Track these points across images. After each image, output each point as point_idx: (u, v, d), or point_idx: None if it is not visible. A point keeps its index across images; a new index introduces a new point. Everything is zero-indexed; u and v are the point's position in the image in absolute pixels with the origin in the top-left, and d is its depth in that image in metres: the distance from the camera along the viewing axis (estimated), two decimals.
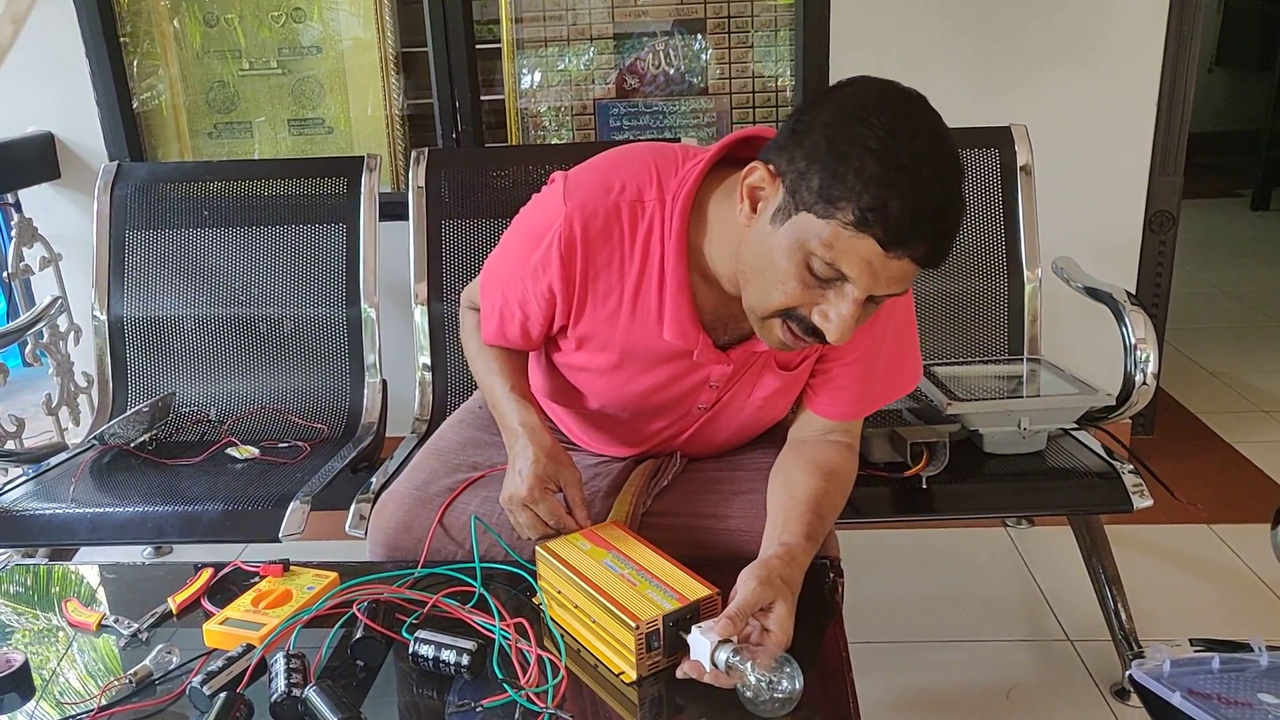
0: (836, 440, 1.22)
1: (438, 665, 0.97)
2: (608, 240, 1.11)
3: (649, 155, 1.13)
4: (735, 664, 0.90)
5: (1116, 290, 1.72)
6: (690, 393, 1.23)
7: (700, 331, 1.13)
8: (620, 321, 1.15)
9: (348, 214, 2.03)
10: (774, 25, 2.50)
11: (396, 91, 2.56)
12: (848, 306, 0.95)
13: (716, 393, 1.23)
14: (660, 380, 1.21)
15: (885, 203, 0.89)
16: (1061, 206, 2.05)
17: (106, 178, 2.09)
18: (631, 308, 1.14)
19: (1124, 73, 2.31)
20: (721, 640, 0.91)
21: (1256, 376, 3.13)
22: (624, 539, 1.13)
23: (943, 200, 0.92)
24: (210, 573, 1.17)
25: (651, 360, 1.18)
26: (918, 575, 2.12)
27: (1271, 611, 1.93)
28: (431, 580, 1.14)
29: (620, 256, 1.11)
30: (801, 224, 0.94)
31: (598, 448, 1.37)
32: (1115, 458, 1.59)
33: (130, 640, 1.07)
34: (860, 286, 0.94)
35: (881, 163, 0.89)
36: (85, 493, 1.68)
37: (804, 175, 0.94)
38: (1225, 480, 2.47)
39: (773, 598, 0.96)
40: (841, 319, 0.96)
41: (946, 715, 1.71)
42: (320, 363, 2.01)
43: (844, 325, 0.96)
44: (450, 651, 0.97)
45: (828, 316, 0.97)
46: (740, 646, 0.91)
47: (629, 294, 1.13)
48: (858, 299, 0.95)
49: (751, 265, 1.01)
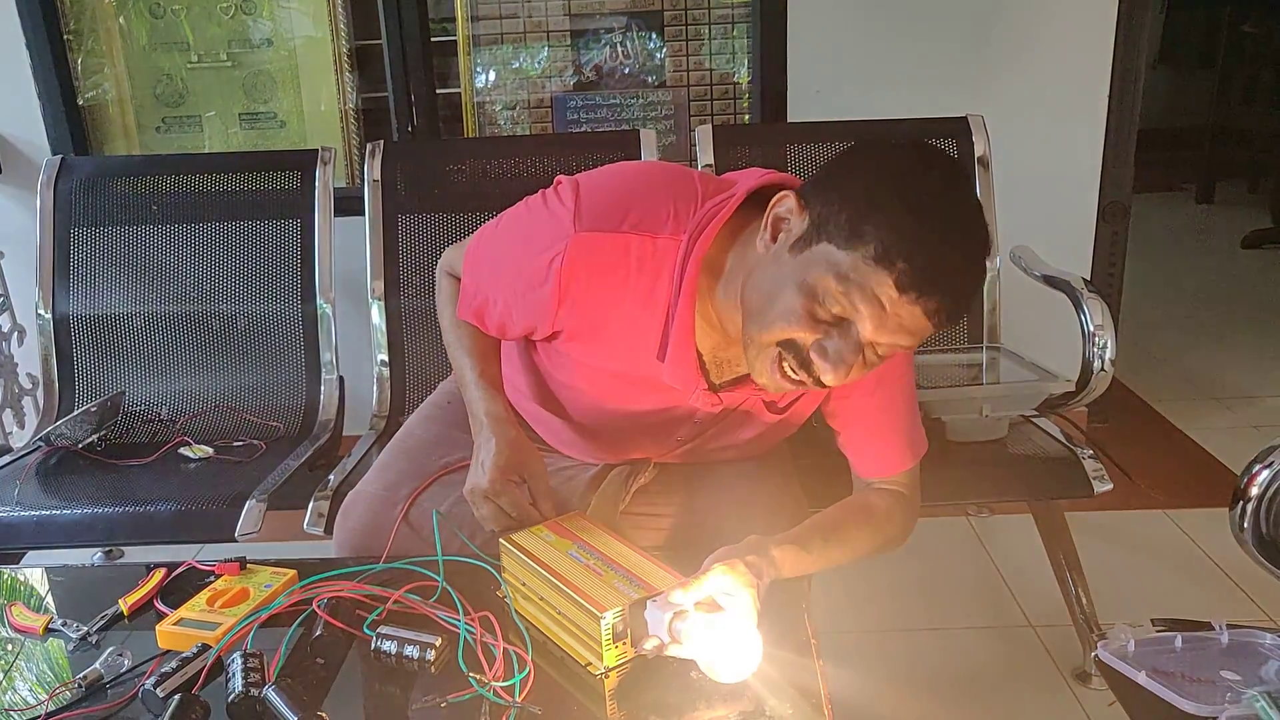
0: (884, 488, 1.20)
1: (401, 661, 0.95)
2: (612, 273, 1.06)
3: (666, 185, 1.09)
4: (690, 632, 0.90)
5: (1074, 278, 1.74)
6: (672, 424, 1.21)
7: (700, 376, 1.11)
8: (613, 352, 1.13)
9: (302, 208, 1.99)
10: (731, 19, 2.50)
11: (350, 85, 2.52)
12: (850, 347, 0.94)
13: (699, 428, 1.22)
14: (644, 409, 1.18)
15: (911, 248, 0.88)
16: (1017, 197, 2.07)
17: (49, 172, 2.02)
18: (627, 342, 1.11)
19: (1076, 67, 2.34)
20: (677, 612, 0.91)
21: (1205, 364, 3.20)
22: (589, 530, 1.11)
23: (966, 266, 0.93)
24: (163, 573, 1.14)
25: (638, 389, 1.16)
26: (881, 565, 2.10)
27: (1226, 593, 1.97)
28: (393, 575, 1.11)
29: (623, 293, 1.07)
30: (821, 254, 0.93)
31: (572, 454, 1.34)
32: (1075, 444, 1.61)
33: (79, 644, 1.03)
34: (868, 326, 0.92)
35: (915, 218, 0.90)
36: (31, 495, 1.63)
37: (834, 210, 0.93)
38: (1178, 466, 2.52)
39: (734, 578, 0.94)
40: (840, 359, 0.94)
41: (913, 702, 1.71)
42: (276, 360, 1.97)
43: (841, 365, 0.94)
44: (414, 647, 0.95)
45: (826, 354, 0.95)
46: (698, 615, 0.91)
47: (625, 329, 1.10)
48: (861, 339, 0.94)
49: (761, 292, 0.99)
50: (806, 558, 1.05)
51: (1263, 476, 1.08)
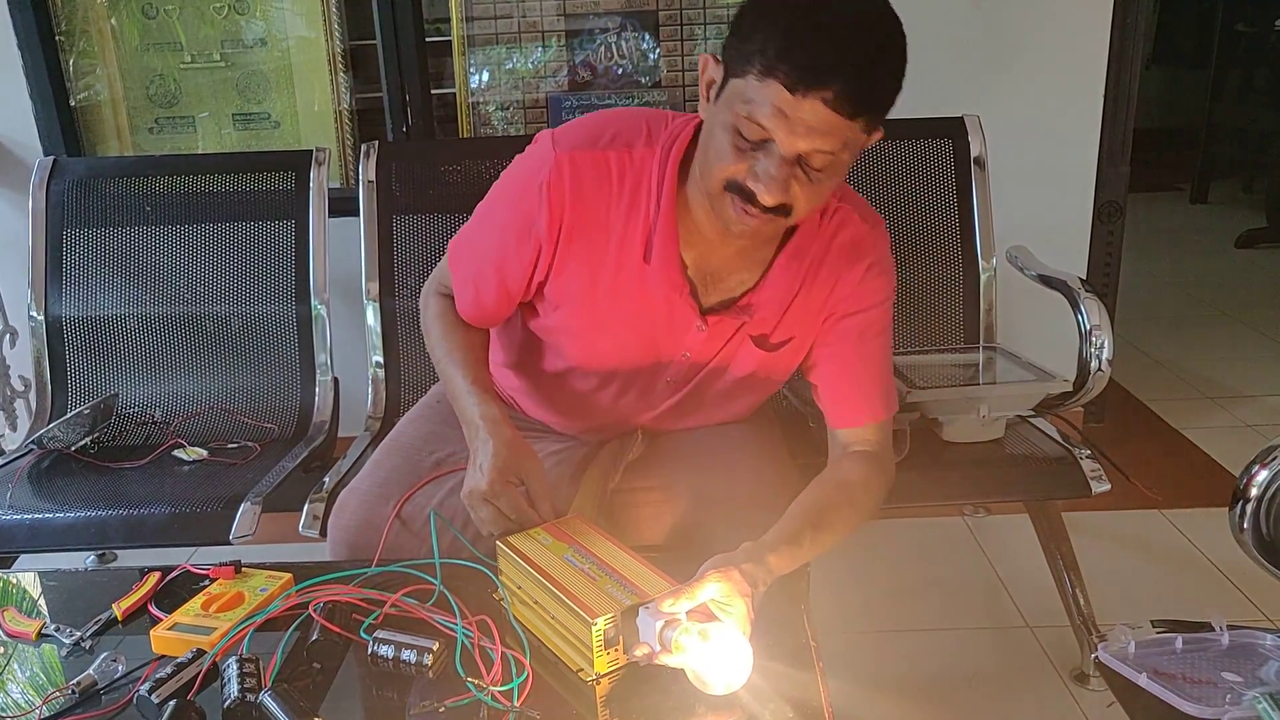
0: (858, 450, 1.21)
1: (398, 665, 0.94)
2: (597, 189, 1.12)
3: (638, 111, 1.17)
4: (681, 639, 0.89)
5: (1071, 278, 1.73)
6: (663, 364, 1.22)
7: (684, 278, 1.14)
8: (603, 274, 1.16)
9: (296, 209, 1.98)
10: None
11: (344, 85, 2.51)
12: (774, 165, 0.98)
13: (688, 369, 1.22)
14: (635, 341, 1.20)
15: (788, 48, 0.92)
16: (1013, 197, 2.07)
17: (42, 174, 2.01)
18: (616, 259, 1.15)
19: (1071, 65, 2.34)
20: (668, 621, 0.91)
21: (1201, 364, 3.20)
22: (586, 533, 1.10)
23: (856, 46, 0.94)
24: (157, 577, 1.13)
25: (629, 321, 1.19)
26: (876, 565, 2.13)
27: (1223, 592, 1.97)
28: (389, 579, 1.11)
29: (607, 206, 1.13)
30: (730, 90, 0.99)
31: (556, 424, 1.35)
32: (1072, 444, 1.60)
33: (73, 649, 1.02)
34: (782, 137, 0.96)
35: (789, 20, 0.93)
36: (23, 498, 1.61)
37: (732, 46, 0.98)
38: (1174, 465, 2.52)
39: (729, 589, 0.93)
40: (769, 176, 0.99)
41: (911, 703, 1.71)
42: (270, 361, 1.96)
43: (771, 183, 0.99)
44: (411, 651, 0.94)
45: (758, 177, 1.00)
46: (689, 625, 0.90)
47: (615, 244, 1.14)
48: (783, 157, 0.98)
49: (702, 148, 1.06)
50: (800, 553, 1.06)
51: (1261, 477, 1.07)
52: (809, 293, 1.19)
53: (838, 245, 1.18)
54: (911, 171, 1.97)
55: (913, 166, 1.97)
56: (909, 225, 1.96)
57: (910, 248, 1.96)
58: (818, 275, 1.19)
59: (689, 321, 1.18)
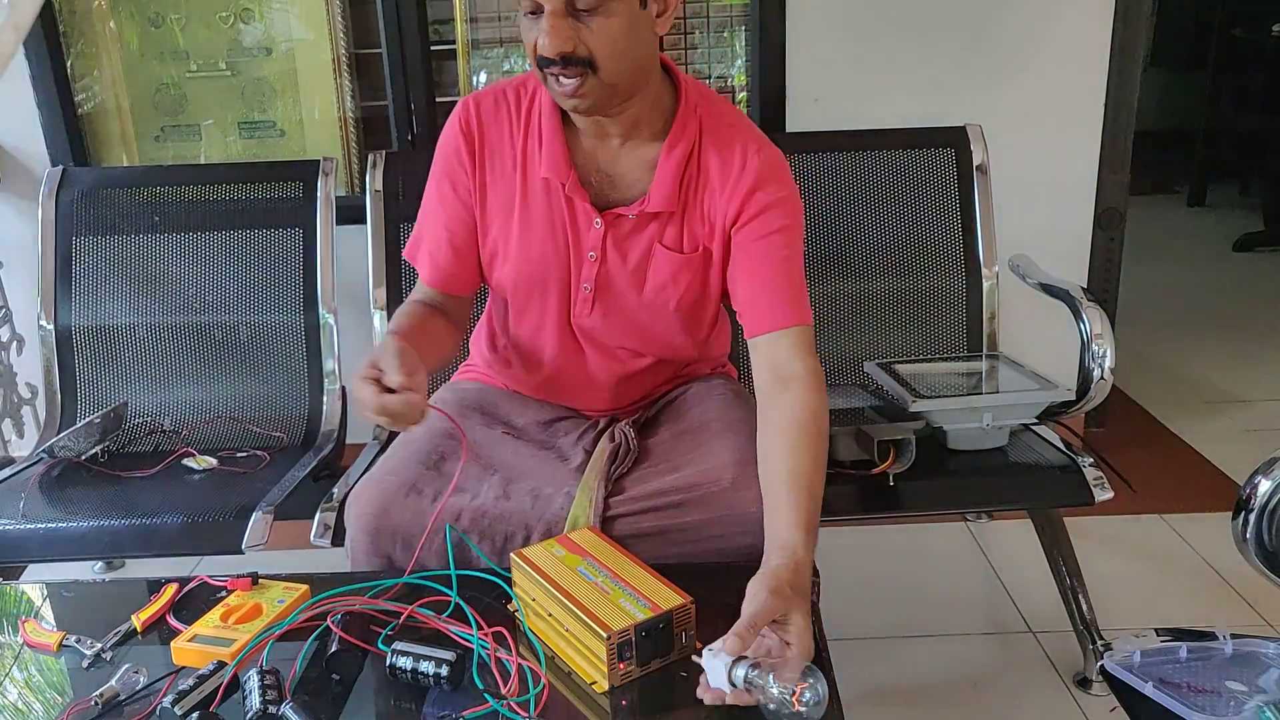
0: (792, 375, 1.22)
1: (416, 677, 0.96)
2: (495, 114, 1.30)
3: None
4: (754, 679, 0.89)
5: (1073, 287, 1.75)
6: (574, 265, 1.32)
7: (571, 168, 1.26)
8: (515, 191, 1.30)
9: (303, 218, 1.99)
10: (728, 25, 2.51)
11: (349, 93, 2.52)
12: (546, 21, 1.13)
13: (599, 265, 1.31)
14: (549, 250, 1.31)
15: None
16: (1013, 205, 2.09)
17: (51, 184, 2.02)
18: (523, 174, 1.29)
19: (1071, 74, 2.36)
20: (736, 659, 0.90)
21: (1200, 370, 3.22)
22: (599, 545, 1.12)
23: None
24: (175, 588, 1.14)
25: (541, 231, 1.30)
26: (880, 571, 2.14)
27: (1225, 599, 1.98)
28: (405, 590, 1.12)
29: (508, 128, 1.29)
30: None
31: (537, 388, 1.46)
32: (1075, 451, 1.62)
33: (94, 660, 1.04)
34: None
35: None
36: (36, 508, 1.62)
37: None
38: (1175, 471, 2.53)
39: (785, 609, 0.95)
40: (545, 30, 1.13)
41: (915, 709, 1.73)
42: (278, 370, 1.97)
43: (547, 35, 1.13)
44: (429, 663, 0.95)
45: (540, 36, 1.14)
46: (758, 660, 0.90)
47: (519, 161, 1.29)
48: (550, 9, 1.12)
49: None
50: (814, 524, 1.11)
51: (1264, 487, 1.09)
52: (706, 199, 1.28)
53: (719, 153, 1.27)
54: (914, 181, 1.99)
55: (915, 176, 1.99)
56: (911, 234, 1.98)
57: (913, 256, 1.98)
58: (706, 179, 1.28)
59: (589, 219, 1.29)
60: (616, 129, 1.26)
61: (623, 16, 1.13)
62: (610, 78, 1.16)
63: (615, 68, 1.15)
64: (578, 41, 1.13)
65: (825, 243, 1.98)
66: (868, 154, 2.00)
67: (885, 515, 1.63)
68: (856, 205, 1.99)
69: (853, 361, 1.93)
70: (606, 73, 1.15)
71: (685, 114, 1.27)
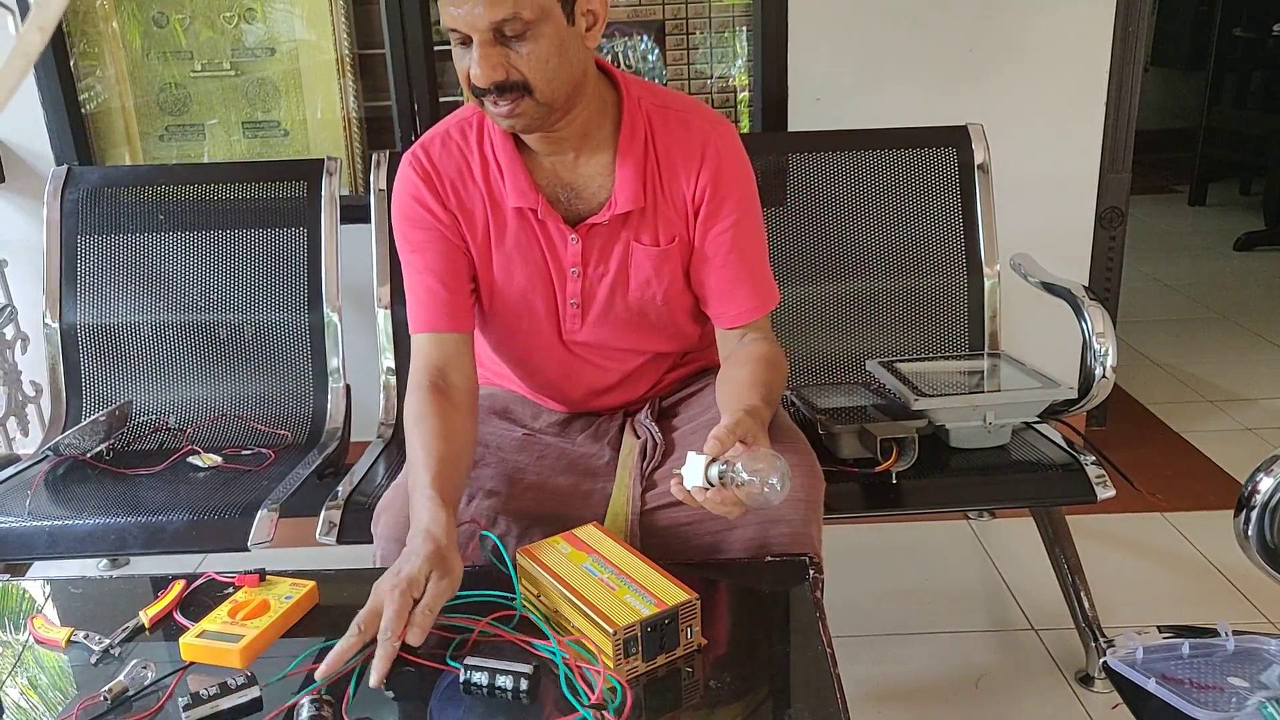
0: (757, 339, 1.32)
1: (493, 692, 0.92)
2: (449, 154, 1.29)
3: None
4: (725, 472, 1.02)
5: (1075, 286, 1.76)
6: (558, 284, 1.33)
7: (537, 193, 1.27)
8: (490, 225, 1.29)
9: (308, 217, 2.00)
10: (731, 25, 2.52)
11: (353, 93, 2.53)
12: (476, 50, 1.13)
13: (582, 280, 1.32)
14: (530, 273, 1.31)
15: None
16: (1014, 204, 2.09)
17: (56, 182, 2.03)
18: (490, 205, 1.29)
19: (1073, 73, 2.37)
20: (711, 459, 1.03)
21: (1200, 368, 3.22)
22: (604, 541, 1.13)
23: None
24: (182, 585, 1.15)
25: (520, 257, 1.31)
26: (882, 569, 2.15)
27: (1226, 596, 1.99)
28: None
29: (467, 165, 1.29)
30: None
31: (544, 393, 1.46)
32: (1077, 450, 1.63)
33: (102, 656, 1.04)
34: (465, 28, 1.11)
35: None
36: (42, 505, 1.63)
37: None
38: (1176, 469, 2.54)
39: (755, 431, 1.07)
40: (476, 61, 1.13)
41: (918, 706, 1.74)
42: (282, 368, 1.98)
43: (478, 65, 1.13)
44: (506, 676, 0.92)
45: (472, 65, 1.14)
46: (729, 459, 1.03)
47: (484, 194, 1.29)
48: (479, 39, 1.12)
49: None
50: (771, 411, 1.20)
51: (1266, 485, 1.09)
52: (669, 187, 1.29)
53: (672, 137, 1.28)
54: (915, 180, 1.99)
55: (916, 175, 1.99)
56: (913, 233, 1.99)
57: (914, 256, 1.99)
58: (666, 169, 1.29)
59: (564, 237, 1.29)
60: (569, 142, 1.26)
61: (550, 38, 1.13)
62: (546, 97, 1.17)
63: (550, 88, 1.16)
64: (509, 68, 1.13)
65: (827, 242, 1.99)
66: (869, 153, 2.00)
67: (888, 513, 1.63)
68: (858, 205, 1.99)
69: (854, 360, 1.94)
70: (541, 94, 1.16)
71: (631, 110, 1.28)
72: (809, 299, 1.97)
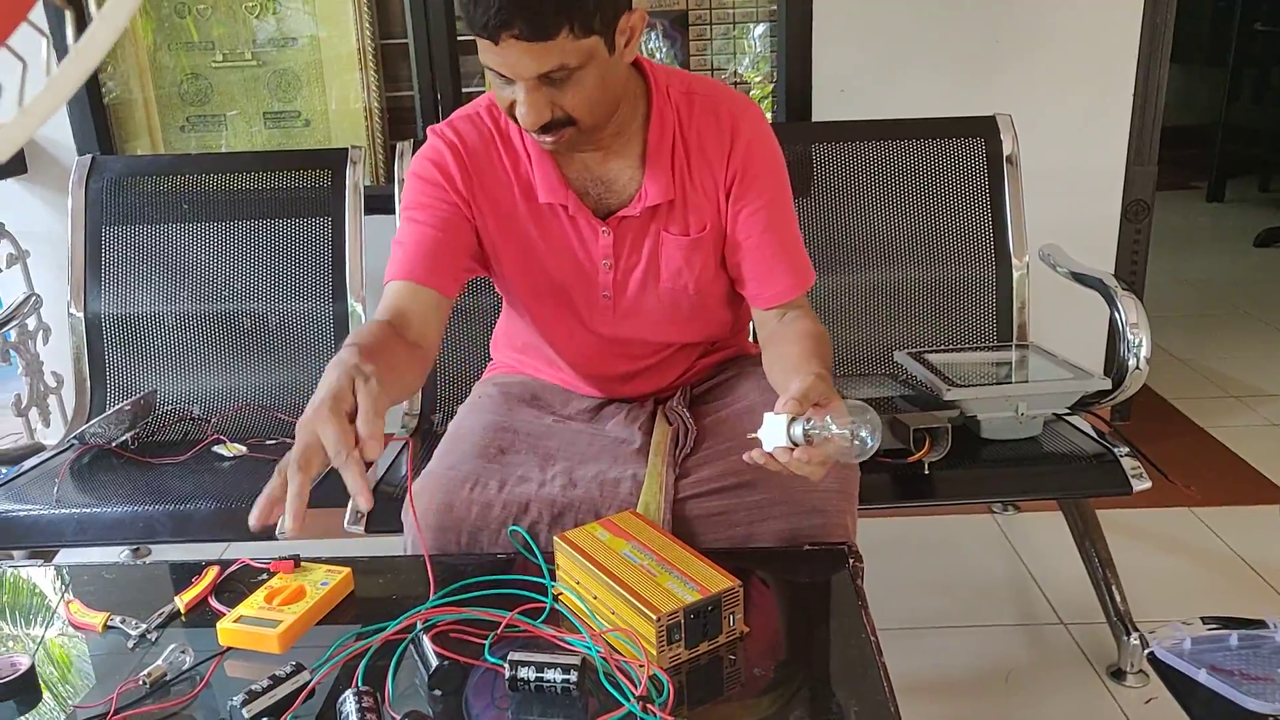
0: (798, 316, 1.31)
1: (540, 687, 0.90)
2: (478, 141, 1.27)
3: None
4: (812, 429, 0.98)
5: (1107, 276, 1.74)
6: (591, 279, 1.32)
7: (568, 189, 1.26)
8: (514, 214, 1.28)
9: (331, 207, 1.99)
10: (754, 18, 2.50)
11: (374, 83, 2.52)
12: (523, 94, 1.11)
13: (614, 272, 1.31)
14: (559, 265, 1.30)
15: (470, 8, 1.05)
16: (1040, 196, 2.08)
17: (80, 172, 2.03)
18: (519, 196, 1.27)
19: (1100, 64, 2.35)
20: (792, 418, 0.99)
21: (1222, 363, 3.20)
22: (643, 528, 1.12)
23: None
24: (216, 571, 1.14)
25: (548, 249, 1.30)
26: (906, 563, 2.14)
27: (1258, 591, 1.96)
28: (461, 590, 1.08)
29: (495, 152, 1.27)
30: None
31: (571, 381, 1.46)
32: (1110, 441, 1.61)
33: (139, 641, 1.04)
34: (511, 71, 1.09)
35: None
36: (69, 493, 1.63)
37: None
38: (1202, 464, 2.52)
39: (827, 394, 1.02)
40: (522, 105, 1.11)
41: (948, 700, 1.72)
42: (307, 359, 1.97)
43: (526, 110, 1.11)
44: (554, 670, 0.90)
45: (516, 106, 1.12)
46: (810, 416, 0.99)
47: (510, 184, 1.27)
48: (524, 85, 1.10)
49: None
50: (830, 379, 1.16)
51: None
52: (699, 175, 1.28)
53: (700, 125, 1.27)
54: (943, 171, 1.98)
55: (944, 166, 1.98)
56: (941, 224, 1.97)
57: (942, 246, 1.97)
58: (696, 157, 1.27)
59: (595, 230, 1.28)
60: (602, 141, 1.25)
61: (594, 76, 1.11)
62: (589, 126, 1.16)
63: (593, 119, 1.16)
64: (555, 108, 1.12)
65: (852, 233, 1.98)
66: (896, 144, 1.99)
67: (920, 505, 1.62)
68: (885, 196, 1.98)
69: (882, 351, 1.92)
70: (585, 124, 1.16)
71: (660, 102, 1.26)
72: (835, 290, 1.96)
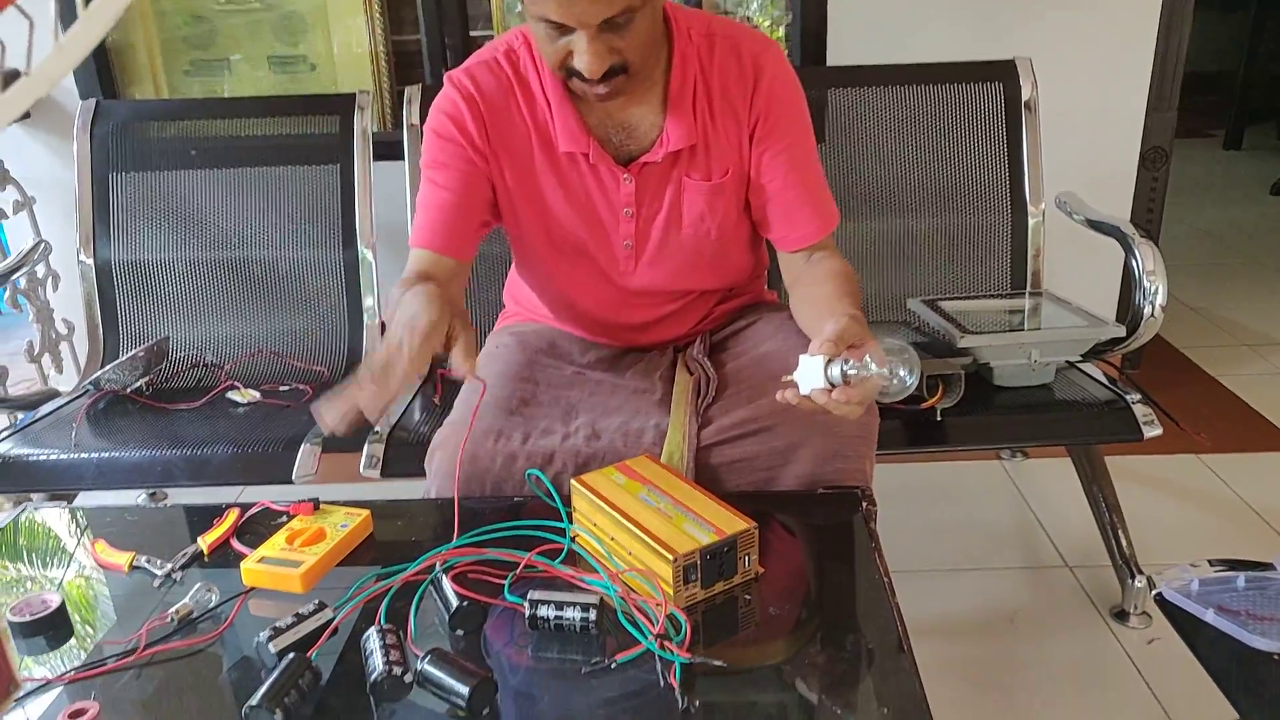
0: (825, 257, 1.31)
1: (560, 625, 0.91)
2: (496, 90, 1.26)
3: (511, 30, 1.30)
4: (850, 370, 0.98)
5: (1124, 223, 1.73)
6: (612, 227, 1.31)
7: (589, 136, 1.25)
8: (532, 162, 1.27)
9: (340, 153, 1.98)
10: None
11: (380, 28, 2.49)
12: (584, 43, 1.10)
13: (635, 220, 1.30)
14: (579, 213, 1.30)
15: None
16: (1057, 141, 2.05)
17: (85, 117, 2.01)
18: (538, 141, 1.26)
19: (1124, 7, 2.30)
20: (828, 359, 0.99)
21: (1235, 312, 3.19)
22: (659, 473, 1.13)
23: None
24: (238, 513, 1.16)
25: (567, 197, 1.29)
26: (915, 508, 2.15)
27: (1264, 536, 1.99)
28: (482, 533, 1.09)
29: (514, 102, 1.26)
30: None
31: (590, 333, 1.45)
32: (1121, 388, 1.61)
33: (165, 580, 1.05)
34: (574, 24, 1.09)
35: None
36: (86, 439, 1.65)
37: None
38: (1211, 411, 2.52)
39: (861, 335, 1.02)
40: (584, 54, 1.11)
41: (955, 641, 1.75)
42: (318, 305, 1.98)
43: (589, 60, 1.11)
44: (574, 609, 0.91)
45: (578, 57, 1.12)
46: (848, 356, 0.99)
47: (528, 131, 1.26)
48: (586, 34, 1.09)
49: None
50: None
51: None
52: (721, 119, 1.27)
53: (722, 67, 1.26)
54: (960, 115, 1.95)
55: (962, 110, 1.95)
56: (957, 171, 1.95)
57: (957, 193, 1.96)
58: (719, 99, 1.26)
59: (616, 178, 1.27)
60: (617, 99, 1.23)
61: (649, 15, 1.12)
62: (639, 70, 1.17)
63: (644, 62, 1.17)
64: (615, 54, 1.12)
65: (869, 179, 1.96)
66: (912, 89, 1.96)
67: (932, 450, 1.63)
68: (901, 141, 1.96)
69: (896, 298, 1.92)
70: (636, 70, 1.16)
71: (683, 45, 1.25)
72: (848, 237, 1.95)
